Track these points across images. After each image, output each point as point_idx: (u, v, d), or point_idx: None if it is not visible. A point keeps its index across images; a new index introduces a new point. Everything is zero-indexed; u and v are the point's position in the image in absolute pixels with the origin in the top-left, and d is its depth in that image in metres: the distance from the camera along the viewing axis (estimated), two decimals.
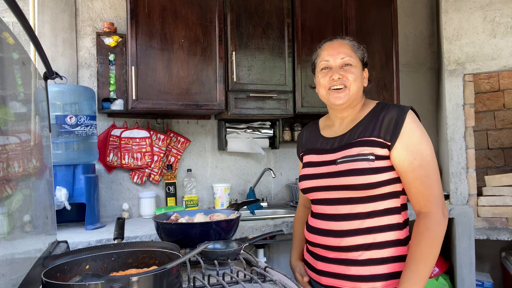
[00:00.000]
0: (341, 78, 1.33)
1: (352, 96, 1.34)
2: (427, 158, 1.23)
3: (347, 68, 1.34)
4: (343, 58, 1.35)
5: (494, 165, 3.53)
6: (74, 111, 2.15)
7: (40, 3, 2.39)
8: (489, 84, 3.55)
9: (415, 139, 1.24)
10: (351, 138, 1.33)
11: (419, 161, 1.23)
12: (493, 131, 3.54)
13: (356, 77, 1.33)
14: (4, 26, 0.88)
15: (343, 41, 1.40)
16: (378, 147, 1.26)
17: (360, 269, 1.25)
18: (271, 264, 2.85)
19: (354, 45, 1.39)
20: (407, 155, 1.23)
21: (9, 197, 0.88)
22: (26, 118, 1.10)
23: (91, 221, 2.18)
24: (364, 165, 1.25)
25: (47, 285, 0.81)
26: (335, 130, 1.42)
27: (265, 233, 1.55)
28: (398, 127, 1.24)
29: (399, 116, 1.26)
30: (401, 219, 1.29)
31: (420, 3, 3.39)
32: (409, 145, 1.24)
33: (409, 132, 1.24)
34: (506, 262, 3.06)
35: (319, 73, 1.40)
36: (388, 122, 1.27)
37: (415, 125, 1.26)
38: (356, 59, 1.36)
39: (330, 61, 1.36)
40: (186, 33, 2.40)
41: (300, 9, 2.65)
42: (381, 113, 1.31)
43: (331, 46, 1.40)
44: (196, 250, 0.98)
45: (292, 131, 2.96)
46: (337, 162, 1.31)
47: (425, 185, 1.23)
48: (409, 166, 1.23)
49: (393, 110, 1.29)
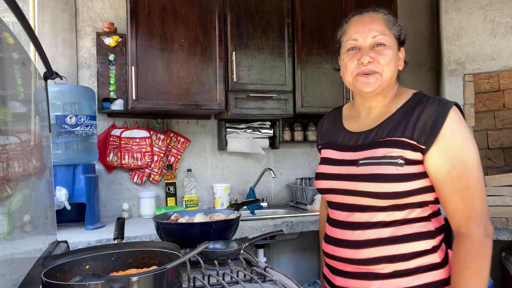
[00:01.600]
0: (372, 62, 1.10)
1: (385, 83, 1.12)
2: (469, 167, 1.02)
3: (379, 49, 1.11)
4: (374, 36, 1.11)
5: (494, 165, 3.53)
6: (74, 111, 2.15)
7: (40, 3, 2.39)
8: (489, 84, 3.55)
9: (456, 143, 1.02)
10: (378, 136, 1.11)
11: (459, 170, 1.02)
12: (493, 131, 3.54)
13: (390, 59, 1.10)
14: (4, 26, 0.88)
15: (375, 14, 1.15)
16: (409, 149, 1.05)
17: (384, 283, 1.07)
18: (271, 264, 2.85)
19: (390, 19, 1.15)
20: (445, 162, 1.02)
21: (9, 197, 0.88)
22: (26, 118, 1.10)
23: (91, 221, 2.18)
24: (391, 170, 1.05)
25: (47, 285, 0.81)
26: (360, 123, 1.20)
27: (265, 233, 1.55)
28: (437, 128, 1.03)
29: (439, 113, 1.04)
30: (432, 226, 1.10)
31: (420, 3, 3.39)
32: (448, 150, 1.03)
33: (450, 134, 1.02)
34: (506, 262, 3.06)
35: (345, 54, 1.16)
36: (424, 121, 1.05)
37: (457, 126, 1.03)
38: (391, 38, 1.12)
39: (359, 40, 1.12)
40: (186, 33, 2.40)
41: (300, 9, 2.65)
42: (417, 107, 1.09)
43: (360, 21, 1.15)
44: (196, 250, 0.98)
45: (292, 131, 2.96)
46: (358, 163, 1.11)
47: (465, 200, 1.02)
48: (446, 176, 1.03)
49: (433, 105, 1.06)
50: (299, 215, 2.48)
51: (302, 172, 3.07)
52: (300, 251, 2.98)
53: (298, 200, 2.86)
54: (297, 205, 2.83)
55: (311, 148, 3.12)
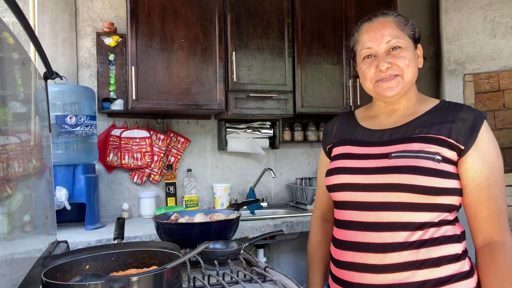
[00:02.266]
0: (391, 68, 1.07)
1: (407, 85, 1.09)
2: (501, 177, 1.02)
3: (395, 52, 1.08)
4: (388, 41, 1.08)
5: None
6: (74, 111, 2.15)
7: (40, 3, 2.39)
8: (489, 84, 3.55)
9: (493, 151, 1.03)
10: (408, 132, 1.07)
11: (496, 177, 1.01)
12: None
13: (409, 61, 1.08)
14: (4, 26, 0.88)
15: (385, 18, 1.12)
16: (446, 147, 1.02)
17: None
18: (271, 264, 2.85)
19: (401, 20, 1.11)
20: (484, 167, 1.01)
21: (9, 197, 0.88)
22: (26, 118, 1.10)
23: (91, 221, 2.18)
24: (429, 164, 0.99)
25: (47, 285, 0.81)
26: (380, 122, 1.16)
27: (265, 233, 1.55)
28: (475, 131, 1.01)
29: (476, 119, 1.03)
30: (458, 230, 1.06)
31: (420, 3, 3.40)
32: (487, 156, 1.02)
33: (487, 141, 1.02)
34: None
35: (362, 63, 1.13)
36: (462, 123, 1.03)
37: (491, 135, 1.04)
38: (406, 38, 1.10)
39: (373, 47, 1.10)
40: (186, 33, 2.40)
41: (300, 9, 2.65)
42: (452, 111, 1.06)
43: (371, 28, 1.12)
44: (196, 250, 0.98)
45: (292, 131, 2.96)
46: (391, 155, 1.04)
47: (499, 207, 1.00)
48: (484, 182, 1.00)
49: (468, 111, 1.05)
50: (299, 215, 2.48)
51: (302, 172, 3.07)
52: (300, 251, 2.98)
53: (298, 200, 2.86)
54: (297, 205, 2.83)
55: (311, 148, 3.12)
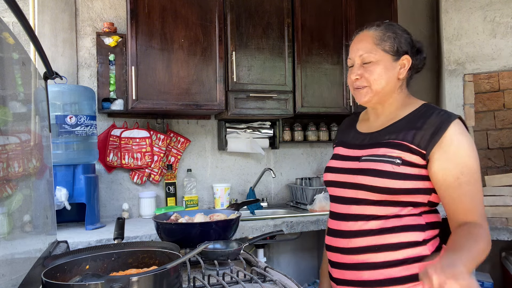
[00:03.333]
0: (360, 79, 1.22)
1: (377, 95, 1.22)
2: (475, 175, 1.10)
3: (366, 66, 1.21)
4: (361, 55, 1.22)
5: (494, 165, 3.53)
6: (74, 111, 2.15)
7: (40, 3, 2.39)
8: (489, 84, 3.55)
9: (462, 152, 1.10)
10: (381, 137, 1.21)
11: (467, 176, 1.09)
12: (493, 131, 3.54)
13: (378, 74, 1.20)
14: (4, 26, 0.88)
15: (367, 32, 1.24)
16: (408, 152, 1.13)
17: (374, 273, 1.13)
18: (271, 264, 2.85)
19: (378, 35, 1.22)
20: (453, 168, 1.09)
21: (9, 197, 0.88)
22: (26, 118, 1.10)
23: (91, 221, 2.18)
24: (388, 167, 1.13)
25: (47, 285, 0.81)
26: (369, 126, 1.31)
27: (265, 233, 1.55)
28: (438, 135, 1.11)
29: (442, 123, 1.12)
30: (422, 221, 1.16)
31: (420, 3, 3.39)
32: (455, 157, 1.10)
33: (456, 142, 1.10)
34: (506, 262, 3.06)
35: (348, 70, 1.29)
36: (428, 128, 1.13)
37: (461, 136, 1.11)
38: (379, 53, 1.20)
39: (352, 58, 1.25)
40: (186, 33, 2.40)
41: (300, 9, 2.65)
42: (422, 117, 1.17)
43: (354, 41, 1.27)
44: (196, 250, 0.98)
45: (292, 131, 2.96)
46: (361, 159, 1.20)
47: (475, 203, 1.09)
48: (455, 182, 1.09)
49: (437, 116, 1.14)
50: (299, 215, 2.48)
51: (302, 172, 3.07)
52: (300, 251, 2.98)
53: (298, 200, 2.86)
54: (297, 205, 2.83)
55: (311, 148, 3.12)
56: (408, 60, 1.24)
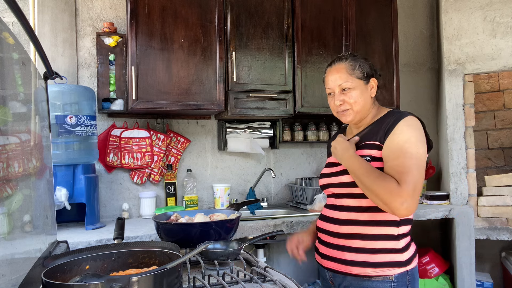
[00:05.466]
0: (343, 104, 1.47)
1: (359, 113, 1.48)
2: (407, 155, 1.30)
3: (345, 92, 1.47)
4: (340, 84, 1.47)
5: (494, 165, 3.53)
6: (74, 111, 2.15)
7: (40, 3, 2.39)
8: (489, 84, 3.55)
9: (401, 138, 1.34)
10: (360, 142, 1.47)
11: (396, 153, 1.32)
12: (493, 131, 3.54)
13: (356, 97, 1.45)
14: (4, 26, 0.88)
15: (340, 64, 1.49)
16: (375, 149, 1.40)
17: (353, 255, 1.40)
18: (271, 264, 2.85)
19: (349, 66, 1.47)
20: (389, 151, 1.35)
21: (9, 197, 0.88)
22: (26, 118, 1.10)
23: (91, 221, 2.18)
24: None
25: (47, 285, 0.81)
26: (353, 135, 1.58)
27: (265, 233, 1.55)
28: (390, 129, 1.37)
29: (395, 120, 1.38)
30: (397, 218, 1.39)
31: (420, 3, 3.39)
32: (399, 135, 1.34)
33: (399, 133, 1.35)
34: (506, 262, 3.06)
35: (328, 97, 1.56)
36: (385, 127, 1.40)
37: (406, 128, 1.35)
38: (354, 80, 1.46)
39: (331, 87, 1.50)
40: (186, 33, 2.40)
41: (300, 9, 2.65)
42: (384, 119, 1.43)
43: (330, 72, 1.51)
44: (196, 250, 0.98)
45: (292, 131, 2.96)
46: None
47: (396, 171, 1.30)
48: (386, 159, 1.35)
49: (392, 116, 1.42)
50: (299, 215, 2.48)
51: (302, 172, 3.07)
52: None
53: (298, 200, 2.86)
54: (297, 205, 2.83)
55: (311, 148, 3.12)
56: (375, 81, 1.51)
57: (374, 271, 1.37)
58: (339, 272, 1.45)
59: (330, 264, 1.47)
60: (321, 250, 1.52)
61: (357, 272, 1.39)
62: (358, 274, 1.40)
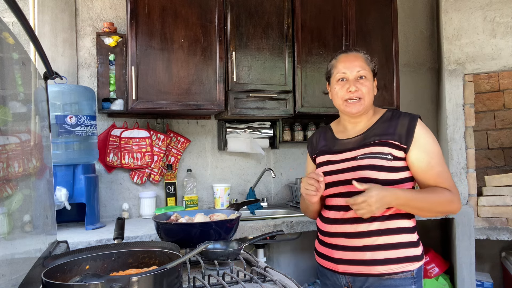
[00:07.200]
0: (357, 91, 1.44)
1: (367, 106, 1.47)
2: (441, 158, 1.41)
3: (362, 81, 1.46)
4: (359, 71, 1.46)
5: (494, 165, 3.53)
6: (74, 111, 2.15)
7: (40, 3, 2.39)
8: (489, 84, 3.55)
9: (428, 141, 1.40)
10: (368, 139, 1.45)
11: (436, 159, 1.39)
12: (493, 131, 3.54)
13: (369, 89, 1.46)
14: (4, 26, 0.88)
15: (357, 54, 1.50)
16: (394, 148, 1.40)
17: (375, 253, 1.36)
18: (271, 264, 2.85)
19: (368, 58, 1.51)
20: (425, 156, 1.38)
21: (9, 197, 0.88)
22: (26, 118, 1.10)
23: (91, 221, 2.18)
24: (384, 163, 1.38)
25: (47, 285, 0.81)
26: (348, 133, 1.54)
27: (265, 233, 1.55)
28: (411, 132, 1.40)
29: (411, 123, 1.41)
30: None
31: (420, 3, 3.39)
32: (425, 147, 1.39)
33: (424, 136, 1.40)
34: (506, 262, 3.06)
35: (336, 84, 1.51)
36: (402, 127, 1.41)
37: (425, 130, 1.42)
38: (369, 72, 1.48)
39: (347, 73, 1.47)
40: (186, 33, 2.40)
41: (300, 9, 2.65)
42: (393, 119, 1.45)
43: (347, 58, 1.49)
44: (196, 250, 0.98)
45: (292, 131, 2.96)
46: (357, 157, 1.42)
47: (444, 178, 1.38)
48: (427, 166, 1.38)
49: (405, 118, 1.44)
50: (299, 215, 2.48)
51: (302, 172, 3.07)
52: (300, 251, 2.98)
53: (298, 200, 2.86)
54: (297, 205, 2.83)
55: None
56: (375, 82, 1.54)
57: (399, 266, 1.35)
58: (360, 275, 1.39)
59: (349, 268, 1.40)
60: (336, 256, 1.43)
61: (382, 270, 1.35)
62: (382, 272, 1.35)
